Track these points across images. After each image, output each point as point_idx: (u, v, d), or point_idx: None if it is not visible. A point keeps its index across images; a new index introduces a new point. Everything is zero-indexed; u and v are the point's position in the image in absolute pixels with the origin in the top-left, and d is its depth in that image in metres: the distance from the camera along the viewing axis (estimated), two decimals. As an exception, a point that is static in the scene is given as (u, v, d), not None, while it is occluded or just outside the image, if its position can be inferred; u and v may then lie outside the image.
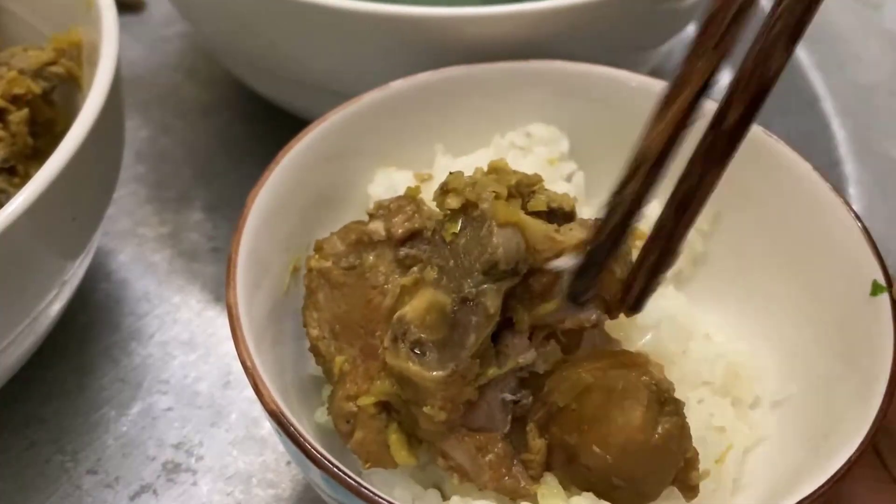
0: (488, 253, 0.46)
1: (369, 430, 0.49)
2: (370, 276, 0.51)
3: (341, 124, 0.58)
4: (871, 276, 0.50)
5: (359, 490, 0.44)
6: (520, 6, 0.61)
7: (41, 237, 0.52)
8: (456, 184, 0.48)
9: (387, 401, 0.48)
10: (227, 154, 0.78)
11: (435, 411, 0.46)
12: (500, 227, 0.46)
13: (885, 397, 0.46)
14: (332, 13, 0.61)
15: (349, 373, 0.50)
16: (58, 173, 0.50)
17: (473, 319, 0.46)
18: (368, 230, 0.52)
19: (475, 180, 0.48)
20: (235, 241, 0.51)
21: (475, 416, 0.48)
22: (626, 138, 0.60)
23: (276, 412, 0.46)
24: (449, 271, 0.47)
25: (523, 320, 0.48)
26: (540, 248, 0.47)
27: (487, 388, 0.48)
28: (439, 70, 0.60)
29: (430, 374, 0.46)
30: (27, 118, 0.59)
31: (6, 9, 0.66)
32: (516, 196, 0.48)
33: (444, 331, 0.46)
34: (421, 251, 0.50)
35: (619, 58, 0.69)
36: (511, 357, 0.48)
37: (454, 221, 0.48)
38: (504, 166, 0.50)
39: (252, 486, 0.60)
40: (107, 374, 0.64)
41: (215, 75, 0.82)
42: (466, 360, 0.46)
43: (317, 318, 0.52)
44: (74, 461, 0.60)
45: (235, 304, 0.49)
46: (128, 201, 0.74)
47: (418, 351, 0.46)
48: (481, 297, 0.46)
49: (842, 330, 0.52)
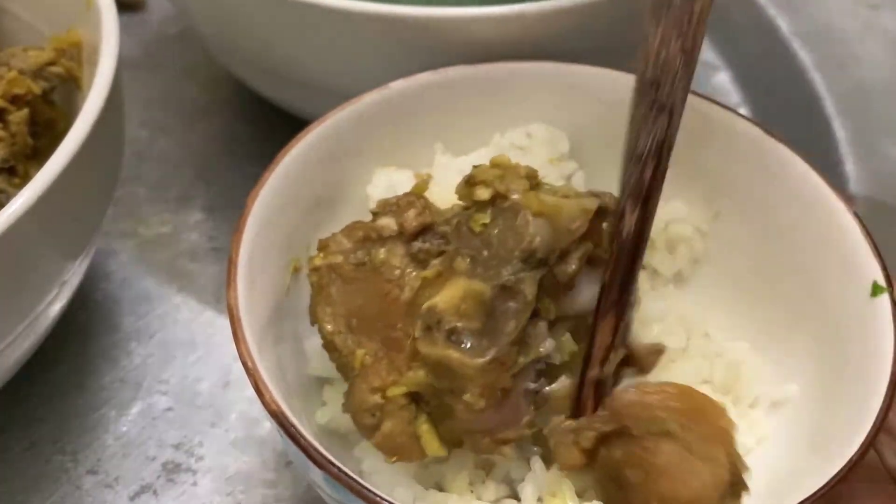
0: (526, 241, 0.48)
1: (399, 422, 0.49)
2: (384, 270, 0.51)
3: (341, 124, 0.58)
4: (871, 277, 0.50)
5: (360, 491, 0.44)
6: (520, 6, 0.61)
7: (41, 237, 0.52)
8: (484, 176, 0.50)
9: (416, 392, 0.49)
10: (228, 154, 0.78)
11: (475, 398, 0.47)
12: (534, 216, 0.48)
13: (886, 398, 0.46)
14: (332, 13, 0.61)
15: (371, 366, 0.49)
16: (58, 174, 0.50)
17: (513, 306, 0.47)
18: (378, 226, 0.52)
19: (503, 173, 0.50)
20: (236, 242, 0.51)
21: (507, 404, 0.48)
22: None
23: (277, 412, 0.46)
24: (483, 261, 0.48)
25: (550, 310, 0.49)
26: (573, 226, 0.48)
27: (517, 377, 0.48)
28: (439, 70, 0.60)
29: (472, 360, 0.46)
30: (27, 118, 0.59)
31: (6, 9, 0.66)
32: (534, 188, 0.50)
33: (482, 319, 0.47)
34: (434, 245, 0.51)
35: (619, 58, 0.69)
36: (533, 347, 0.48)
37: (483, 212, 0.49)
38: (506, 162, 0.51)
39: (252, 486, 0.60)
40: (107, 374, 0.64)
41: (215, 75, 0.82)
42: (506, 347, 0.47)
43: (330, 312, 0.51)
44: (74, 461, 0.60)
45: (236, 304, 0.49)
46: (128, 201, 0.74)
47: (455, 339, 0.47)
48: (520, 284, 0.47)
49: (842, 330, 0.52)
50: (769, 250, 0.57)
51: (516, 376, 0.48)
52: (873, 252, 0.51)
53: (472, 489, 0.50)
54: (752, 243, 0.58)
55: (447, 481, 0.50)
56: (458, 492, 0.50)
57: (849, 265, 0.52)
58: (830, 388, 0.51)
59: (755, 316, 0.58)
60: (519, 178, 0.49)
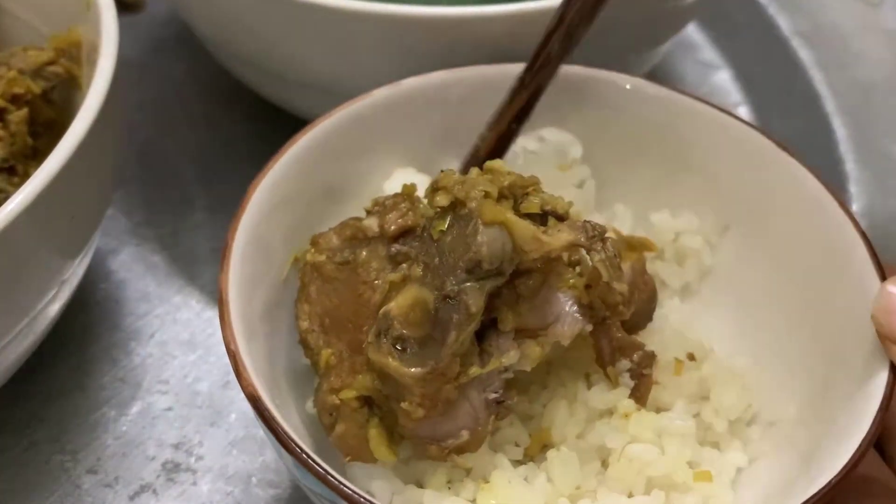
0: (472, 251, 0.46)
1: (351, 424, 0.49)
2: (362, 271, 0.51)
3: (351, 119, 0.57)
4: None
5: (325, 478, 0.44)
6: (519, 5, 0.61)
7: (40, 236, 0.52)
8: (445, 182, 0.49)
9: (369, 396, 0.49)
10: (228, 154, 0.78)
11: (413, 408, 0.47)
12: (485, 225, 0.46)
13: (876, 420, 0.46)
14: (332, 13, 0.61)
15: (335, 366, 0.50)
16: (56, 172, 0.50)
17: (455, 317, 0.46)
18: (363, 226, 0.52)
19: (464, 179, 0.48)
20: (233, 227, 0.52)
21: (457, 415, 0.48)
22: (639, 146, 0.61)
23: (253, 395, 0.46)
24: (434, 269, 0.47)
25: (508, 321, 0.48)
26: (527, 248, 0.47)
27: (470, 388, 0.48)
28: (452, 70, 0.60)
29: (409, 370, 0.46)
30: (27, 118, 0.59)
31: (6, 9, 0.66)
32: (508, 197, 0.48)
33: (427, 328, 0.46)
34: (412, 248, 0.50)
35: (619, 57, 0.69)
36: (495, 357, 0.48)
37: (442, 219, 0.48)
38: (499, 167, 0.50)
39: (252, 485, 0.60)
40: (107, 374, 0.64)
41: (215, 75, 0.82)
42: (446, 358, 0.46)
43: (307, 310, 0.52)
44: (74, 461, 0.60)
45: (226, 288, 0.49)
46: (128, 201, 0.74)
47: (400, 347, 0.46)
48: (463, 295, 0.46)
49: (841, 347, 0.51)
50: (776, 265, 0.57)
51: (469, 387, 0.48)
52: (878, 274, 0.50)
53: (451, 486, 0.50)
54: (760, 258, 0.58)
55: (427, 477, 0.50)
56: (436, 488, 0.50)
57: (854, 283, 0.51)
58: (827, 408, 0.51)
59: (759, 330, 0.57)
60: (489, 185, 0.48)
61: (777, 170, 0.56)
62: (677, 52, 0.88)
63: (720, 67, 0.87)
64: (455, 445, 0.48)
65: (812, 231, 0.55)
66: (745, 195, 0.58)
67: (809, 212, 0.55)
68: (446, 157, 0.60)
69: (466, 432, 0.48)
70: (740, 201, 0.58)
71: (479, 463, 0.50)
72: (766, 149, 0.56)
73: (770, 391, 0.55)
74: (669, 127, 0.60)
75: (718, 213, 0.59)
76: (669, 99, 0.59)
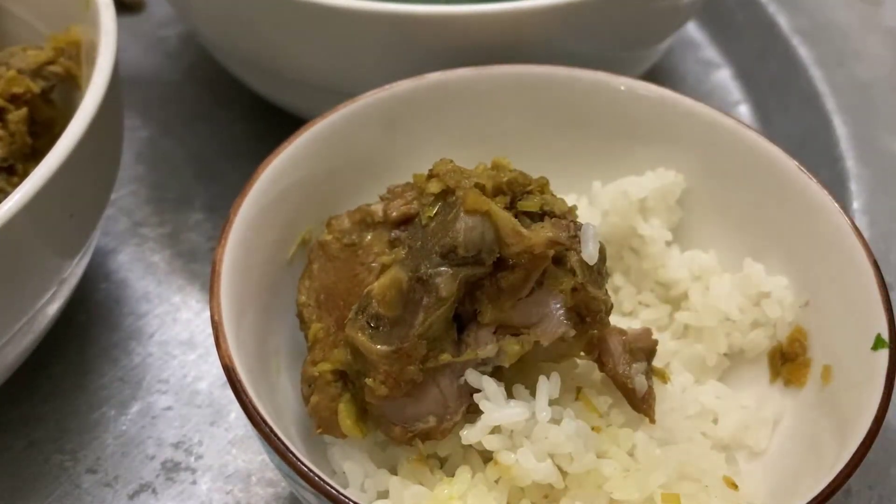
0: (449, 237, 0.47)
1: (323, 396, 0.50)
2: (362, 253, 0.53)
3: (370, 105, 0.58)
4: (876, 330, 0.50)
5: (280, 449, 0.45)
6: (516, 4, 0.61)
7: (38, 234, 0.52)
8: (439, 169, 0.49)
9: (344, 371, 0.50)
10: (227, 154, 0.78)
11: (376, 385, 0.48)
12: (467, 213, 0.47)
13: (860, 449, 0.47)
14: (332, 13, 0.61)
15: (321, 340, 0.51)
16: (54, 171, 0.50)
17: (425, 300, 0.47)
18: (371, 210, 0.54)
19: (460, 168, 0.49)
20: (236, 204, 0.52)
21: (425, 399, 0.48)
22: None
23: (229, 366, 0.47)
24: (415, 252, 0.48)
25: (487, 313, 0.48)
26: (508, 241, 0.47)
27: (441, 374, 0.48)
28: (477, 68, 0.60)
29: (376, 346, 0.47)
30: (26, 117, 0.59)
31: (6, 9, 0.66)
32: (506, 192, 0.49)
33: (400, 308, 0.47)
34: (408, 234, 0.51)
35: (620, 55, 0.69)
36: (471, 348, 0.48)
37: (433, 206, 0.49)
38: (506, 163, 0.51)
39: (251, 484, 0.60)
40: (106, 374, 0.64)
41: (215, 75, 0.82)
42: (413, 339, 0.47)
43: (308, 286, 0.53)
44: (74, 460, 0.60)
45: (221, 260, 0.50)
46: (128, 201, 0.74)
47: (374, 325, 0.47)
48: (436, 278, 0.47)
49: (844, 373, 0.52)
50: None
51: (440, 372, 0.48)
52: (884, 305, 0.50)
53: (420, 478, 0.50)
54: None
55: (399, 465, 0.51)
56: (406, 476, 0.50)
57: (860, 313, 0.52)
58: (818, 446, 0.51)
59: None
60: (483, 177, 0.48)
61: (799, 199, 0.56)
62: (678, 51, 0.88)
63: (721, 66, 0.87)
64: (421, 430, 0.49)
65: (834, 262, 0.55)
66: (767, 225, 0.59)
67: (834, 245, 0.55)
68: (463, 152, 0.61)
69: (434, 418, 0.48)
70: (762, 231, 0.59)
71: (454, 458, 0.50)
72: (790, 174, 0.57)
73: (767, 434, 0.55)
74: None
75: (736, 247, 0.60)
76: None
